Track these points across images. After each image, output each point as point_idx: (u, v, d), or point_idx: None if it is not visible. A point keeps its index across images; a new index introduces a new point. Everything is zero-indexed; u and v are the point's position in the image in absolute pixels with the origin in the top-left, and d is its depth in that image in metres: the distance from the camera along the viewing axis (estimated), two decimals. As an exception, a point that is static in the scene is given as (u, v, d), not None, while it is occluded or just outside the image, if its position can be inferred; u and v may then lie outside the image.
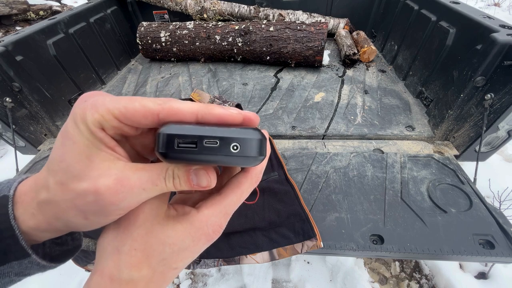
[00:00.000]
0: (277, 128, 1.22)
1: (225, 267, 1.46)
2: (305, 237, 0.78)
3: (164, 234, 0.23)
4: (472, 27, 1.02)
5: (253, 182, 0.27)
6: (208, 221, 0.24)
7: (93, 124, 0.20)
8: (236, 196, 0.26)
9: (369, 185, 0.93)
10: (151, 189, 0.22)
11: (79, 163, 0.20)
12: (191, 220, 0.24)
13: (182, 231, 0.23)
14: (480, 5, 4.41)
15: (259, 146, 0.22)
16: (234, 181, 0.27)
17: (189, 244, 0.24)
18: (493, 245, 0.75)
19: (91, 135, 0.20)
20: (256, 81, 1.58)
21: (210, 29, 1.68)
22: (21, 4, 3.92)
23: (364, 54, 1.67)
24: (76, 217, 0.21)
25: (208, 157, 0.21)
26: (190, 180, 0.23)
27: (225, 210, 0.25)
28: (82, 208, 0.20)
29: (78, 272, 1.39)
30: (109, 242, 0.23)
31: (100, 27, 1.68)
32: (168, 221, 0.24)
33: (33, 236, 0.23)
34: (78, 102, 0.22)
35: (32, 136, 1.22)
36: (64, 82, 1.41)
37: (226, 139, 0.21)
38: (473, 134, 1.01)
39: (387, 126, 1.18)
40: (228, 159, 0.21)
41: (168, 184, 0.22)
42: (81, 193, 0.20)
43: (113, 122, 0.20)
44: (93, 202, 0.20)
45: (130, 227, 0.23)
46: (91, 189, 0.20)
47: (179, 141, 0.20)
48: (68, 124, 0.21)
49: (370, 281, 1.37)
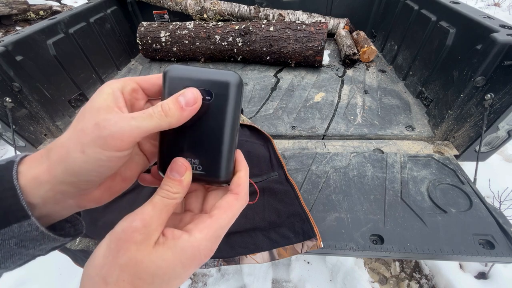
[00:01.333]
0: (277, 128, 1.22)
1: (225, 267, 1.46)
2: (305, 237, 0.78)
3: (154, 264, 0.22)
4: (472, 27, 1.02)
5: (243, 203, 0.28)
6: (200, 246, 0.24)
7: (116, 86, 0.26)
8: (227, 218, 0.26)
9: (369, 185, 0.93)
10: (140, 117, 0.24)
11: (89, 114, 0.24)
12: (182, 246, 0.23)
13: (172, 259, 0.23)
14: (480, 5, 4.41)
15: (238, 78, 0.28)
16: (224, 203, 0.27)
17: (180, 272, 0.23)
18: (493, 245, 0.75)
19: (108, 95, 0.25)
20: (256, 81, 1.58)
21: (210, 29, 1.68)
22: (21, 4, 3.92)
23: (364, 54, 1.67)
24: (75, 152, 0.23)
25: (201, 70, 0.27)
26: (178, 101, 0.25)
27: (217, 233, 0.25)
28: (81, 140, 0.23)
29: (78, 272, 1.39)
30: (97, 272, 0.22)
31: (100, 27, 1.68)
32: (158, 248, 0.23)
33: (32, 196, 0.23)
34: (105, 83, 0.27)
35: (32, 136, 1.22)
36: (64, 82, 1.41)
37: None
38: (473, 134, 1.01)
39: (387, 126, 1.19)
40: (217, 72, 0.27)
41: (155, 109, 0.24)
42: (84, 128, 0.23)
43: (133, 84, 0.27)
44: (91, 132, 0.23)
45: (119, 255, 0.22)
46: (91, 123, 0.23)
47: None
48: (94, 94, 0.26)
49: (370, 281, 1.37)
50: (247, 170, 0.30)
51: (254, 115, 1.30)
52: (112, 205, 0.82)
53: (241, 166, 0.30)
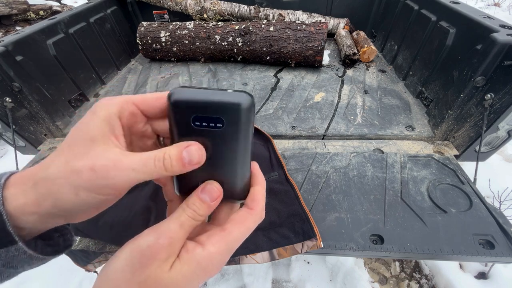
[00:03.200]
0: (277, 128, 1.22)
1: (225, 267, 1.46)
2: (305, 237, 0.78)
3: (173, 281, 0.22)
4: (472, 27, 1.02)
5: (257, 218, 0.27)
6: (213, 260, 0.24)
7: (112, 111, 0.24)
8: (240, 233, 0.26)
9: (369, 185, 0.93)
10: (140, 170, 0.23)
11: (83, 145, 0.23)
12: (197, 259, 0.23)
13: (188, 272, 0.23)
14: (480, 5, 4.41)
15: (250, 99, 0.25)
16: (238, 217, 0.27)
17: (195, 285, 0.23)
18: (493, 245, 0.75)
19: (103, 121, 0.23)
20: (256, 81, 1.58)
21: (210, 29, 1.68)
22: (21, 4, 3.92)
23: (364, 54, 1.67)
24: (68, 193, 0.22)
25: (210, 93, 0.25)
26: (182, 158, 0.24)
27: (229, 247, 0.25)
28: (75, 184, 0.22)
29: (78, 272, 1.39)
30: (115, 284, 0.22)
31: (100, 27, 1.68)
32: (175, 264, 0.23)
33: (19, 221, 0.23)
34: (99, 101, 0.25)
35: (32, 136, 1.22)
36: (64, 82, 1.41)
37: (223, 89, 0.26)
38: (473, 134, 1.01)
39: (387, 126, 1.18)
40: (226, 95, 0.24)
41: (157, 164, 0.23)
42: (78, 170, 0.22)
43: (131, 107, 0.25)
44: (88, 177, 0.22)
45: (141, 272, 0.22)
46: (87, 166, 0.22)
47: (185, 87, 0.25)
48: (86, 115, 0.24)
49: (370, 281, 1.37)
50: (263, 184, 0.30)
51: (254, 115, 1.30)
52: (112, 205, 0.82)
53: (257, 181, 0.30)
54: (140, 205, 0.83)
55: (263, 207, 0.28)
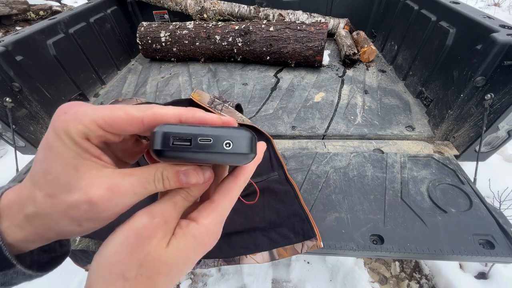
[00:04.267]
0: (277, 128, 1.22)
1: (225, 267, 1.46)
2: (305, 237, 0.78)
3: (171, 257, 0.23)
4: (472, 27, 1.02)
5: (241, 185, 0.27)
6: (208, 232, 0.24)
7: (78, 135, 0.20)
8: (228, 202, 0.26)
9: (369, 185, 0.93)
10: (142, 193, 0.23)
11: (66, 175, 0.20)
12: (192, 233, 0.24)
13: (185, 247, 0.23)
14: (480, 5, 4.41)
15: (250, 143, 0.22)
16: (224, 187, 0.27)
17: (192, 258, 0.24)
18: (493, 245, 0.75)
19: (76, 145, 0.20)
20: (256, 81, 1.58)
21: (210, 29, 1.68)
22: (21, 4, 3.92)
23: (364, 54, 1.67)
24: (70, 226, 0.22)
25: (201, 155, 0.22)
26: (179, 180, 0.24)
27: (220, 217, 0.26)
28: (76, 218, 0.21)
29: (78, 272, 1.39)
30: (111, 269, 0.21)
31: (100, 27, 1.68)
32: (171, 241, 0.23)
33: (21, 247, 0.23)
34: (56, 114, 0.21)
35: (32, 136, 1.22)
36: (64, 82, 1.41)
37: (219, 137, 0.22)
38: (473, 134, 1.01)
39: (387, 126, 1.18)
40: (221, 157, 0.22)
41: (158, 186, 0.23)
42: (74, 204, 0.20)
43: (98, 131, 0.21)
44: (87, 211, 0.21)
45: (139, 251, 0.22)
46: (83, 199, 0.20)
47: (174, 139, 0.21)
48: (49, 137, 0.21)
49: (370, 281, 1.37)
50: (257, 157, 0.29)
51: (254, 115, 1.30)
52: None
53: None
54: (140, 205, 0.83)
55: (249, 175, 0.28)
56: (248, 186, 0.88)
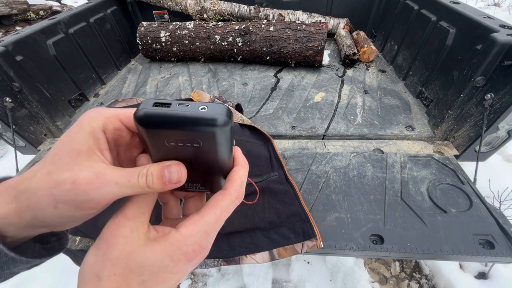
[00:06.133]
0: (277, 128, 1.22)
1: (225, 267, 1.46)
2: (305, 237, 0.78)
3: (143, 256, 0.23)
4: (472, 27, 1.02)
5: (233, 198, 0.27)
6: (186, 241, 0.24)
7: (98, 125, 0.24)
8: (215, 214, 0.26)
9: (369, 185, 0.93)
10: (124, 184, 0.23)
11: (67, 158, 0.23)
12: (170, 240, 0.24)
13: (160, 251, 0.23)
14: (480, 5, 4.41)
15: (226, 111, 0.23)
16: (213, 199, 0.27)
17: (168, 264, 0.23)
18: (493, 245, 0.75)
19: (89, 135, 0.23)
20: (256, 81, 1.58)
21: (210, 29, 1.68)
22: (21, 4, 3.92)
23: (364, 54, 1.67)
24: (47, 206, 0.22)
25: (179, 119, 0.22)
26: (162, 176, 0.24)
27: (204, 229, 0.25)
28: (56, 196, 0.22)
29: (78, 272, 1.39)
30: (89, 269, 0.23)
31: (100, 27, 1.68)
32: (148, 242, 0.24)
33: (2, 230, 0.23)
34: (87, 112, 0.25)
35: (32, 136, 1.22)
36: (64, 82, 1.41)
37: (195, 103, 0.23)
38: (473, 134, 1.01)
39: (387, 126, 1.18)
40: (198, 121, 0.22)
41: (140, 180, 0.24)
42: (60, 182, 0.22)
43: (116, 123, 0.25)
44: (68, 190, 0.22)
45: (109, 251, 0.23)
46: (69, 179, 0.22)
47: (155, 104, 0.23)
48: (73, 126, 0.24)
49: (370, 281, 1.37)
50: (242, 166, 0.29)
51: (254, 115, 1.30)
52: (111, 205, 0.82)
53: (236, 162, 0.29)
54: None
55: (239, 186, 0.28)
56: (248, 186, 0.88)
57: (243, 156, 0.30)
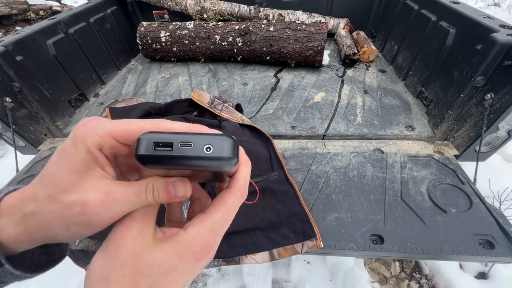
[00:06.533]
0: (277, 128, 1.22)
1: (225, 267, 1.46)
2: (305, 237, 0.78)
3: (152, 257, 0.23)
4: (472, 27, 1.02)
5: (237, 196, 0.27)
6: (194, 240, 0.24)
7: (93, 145, 0.22)
8: (221, 213, 0.26)
9: (369, 185, 0.93)
10: (134, 202, 0.24)
11: (69, 178, 0.22)
12: (177, 239, 0.24)
13: (169, 252, 0.23)
14: (480, 5, 4.41)
15: (232, 148, 0.23)
16: (218, 198, 0.27)
17: (177, 264, 0.23)
18: (493, 245, 0.75)
19: (87, 153, 0.22)
20: (256, 81, 1.58)
21: (210, 29, 1.68)
22: (21, 4, 3.92)
23: (364, 54, 1.67)
24: (59, 228, 0.22)
25: (183, 161, 0.22)
26: (168, 191, 0.24)
27: (211, 227, 0.25)
28: (67, 219, 0.22)
29: (78, 272, 1.39)
30: (96, 272, 0.22)
31: (100, 27, 1.68)
32: (156, 243, 0.24)
33: (9, 247, 0.23)
34: (78, 125, 0.24)
35: (32, 136, 1.22)
36: (64, 82, 1.41)
37: (199, 141, 0.22)
38: (473, 134, 1.01)
39: (387, 126, 1.18)
40: (203, 162, 0.22)
41: (148, 196, 0.24)
42: (69, 204, 0.22)
43: (111, 142, 0.23)
44: (79, 213, 0.22)
45: (118, 252, 0.23)
46: (78, 200, 0.22)
47: (156, 145, 0.21)
48: (67, 143, 0.23)
49: (370, 281, 1.37)
50: (245, 164, 0.29)
51: (254, 115, 1.30)
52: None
53: (239, 161, 0.30)
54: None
55: (243, 184, 0.28)
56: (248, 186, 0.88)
57: (246, 155, 0.30)
